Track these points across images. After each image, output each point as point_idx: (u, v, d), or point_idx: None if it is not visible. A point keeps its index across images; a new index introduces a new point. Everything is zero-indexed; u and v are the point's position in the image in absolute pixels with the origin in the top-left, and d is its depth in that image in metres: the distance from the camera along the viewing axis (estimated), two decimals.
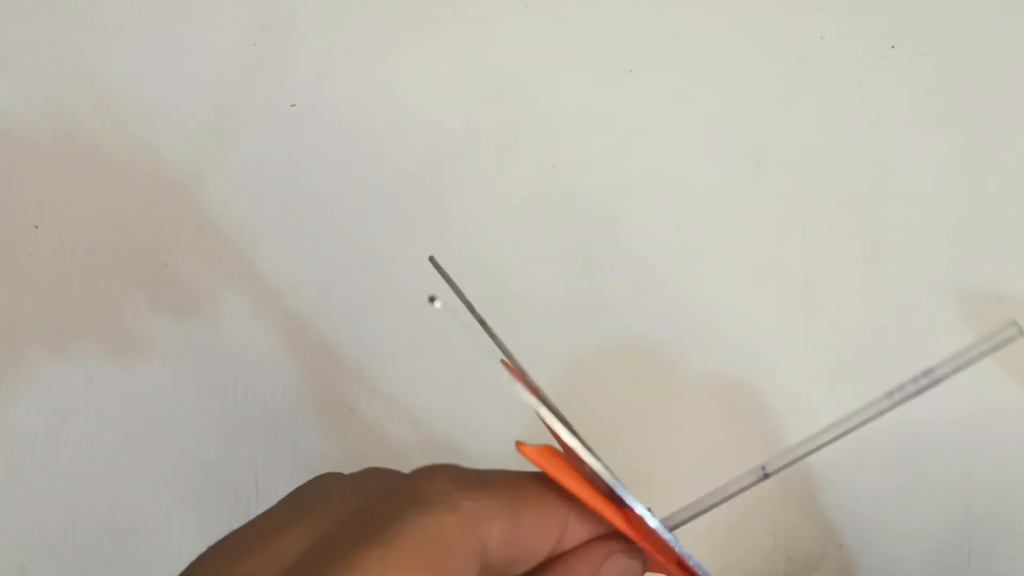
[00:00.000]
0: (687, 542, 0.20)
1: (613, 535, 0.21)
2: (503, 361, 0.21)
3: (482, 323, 0.23)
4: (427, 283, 0.45)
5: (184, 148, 0.44)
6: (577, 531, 0.21)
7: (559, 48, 0.44)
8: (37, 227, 0.44)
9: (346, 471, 0.22)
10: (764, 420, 0.43)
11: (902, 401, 0.20)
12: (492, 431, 0.43)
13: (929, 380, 0.20)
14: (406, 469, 0.21)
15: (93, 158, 0.44)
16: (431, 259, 0.25)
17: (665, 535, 0.20)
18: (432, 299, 0.18)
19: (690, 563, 0.20)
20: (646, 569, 0.22)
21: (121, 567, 0.43)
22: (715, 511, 0.22)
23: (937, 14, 0.43)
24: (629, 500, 0.20)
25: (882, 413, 0.20)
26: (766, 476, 0.21)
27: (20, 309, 0.43)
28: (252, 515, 0.20)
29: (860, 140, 0.43)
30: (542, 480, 0.21)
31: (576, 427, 0.21)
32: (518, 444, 0.19)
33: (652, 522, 0.20)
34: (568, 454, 0.21)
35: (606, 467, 0.20)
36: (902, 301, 0.43)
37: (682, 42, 0.44)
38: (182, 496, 0.43)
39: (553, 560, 0.21)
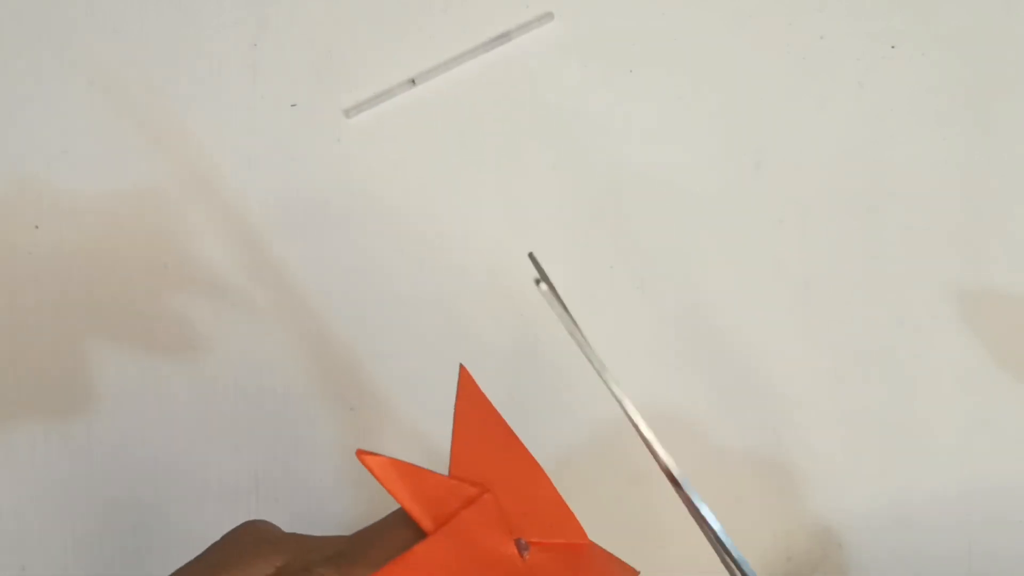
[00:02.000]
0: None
1: None
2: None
3: (567, 316, 0.26)
4: (430, 281, 0.45)
5: (184, 148, 0.44)
6: None
7: (559, 48, 0.44)
8: (37, 227, 0.44)
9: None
10: (763, 419, 0.43)
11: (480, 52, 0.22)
12: None
13: (504, 39, 0.22)
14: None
15: (92, 158, 0.44)
16: (530, 255, 0.27)
17: None
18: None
19: None
20: None
21: (121, 567, 0.43)
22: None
23: (937, 14, 0.43)
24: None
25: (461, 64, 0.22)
26: (413, 83, 0.23)
27: (20, 309, 0.44)
28: (250, 515, 0.20)
29: (860, 140, 0.43)
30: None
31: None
32: (359, 453, 0.23)
33: None
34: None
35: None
36: (902, 301, 0.43)
37: (682, 42, 0.44)
38: (181, 496, 0.43)
39: None
